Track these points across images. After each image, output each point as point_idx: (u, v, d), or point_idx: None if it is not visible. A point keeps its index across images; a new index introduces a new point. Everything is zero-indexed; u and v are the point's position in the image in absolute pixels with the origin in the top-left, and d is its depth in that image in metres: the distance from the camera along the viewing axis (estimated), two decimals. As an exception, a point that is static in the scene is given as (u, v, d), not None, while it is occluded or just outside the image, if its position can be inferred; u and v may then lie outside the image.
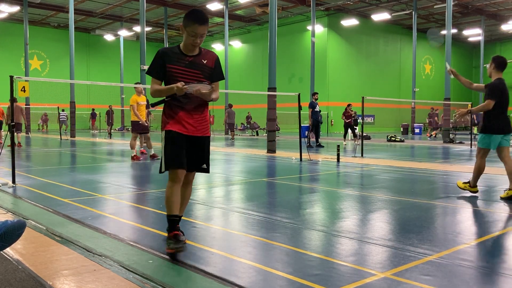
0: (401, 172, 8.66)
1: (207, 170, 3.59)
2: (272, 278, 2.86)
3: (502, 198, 5.77)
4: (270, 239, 3.80)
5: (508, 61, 6.26)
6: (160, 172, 3.44)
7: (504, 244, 3.69)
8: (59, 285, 2.74)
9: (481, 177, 8.07)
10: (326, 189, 6.76)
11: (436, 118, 27.43)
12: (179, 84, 3.23)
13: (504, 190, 5.90)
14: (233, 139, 22.28)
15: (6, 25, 37.59)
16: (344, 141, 19.71)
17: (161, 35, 43.04)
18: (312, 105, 16.37)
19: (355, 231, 4.10)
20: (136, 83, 11.17)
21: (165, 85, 3.44)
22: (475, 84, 6.35)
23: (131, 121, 11.04)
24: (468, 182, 6.06)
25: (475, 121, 25.60)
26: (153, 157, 11.06)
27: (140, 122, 10.80)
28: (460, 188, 6.15)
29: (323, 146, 16.47)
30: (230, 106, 22.96)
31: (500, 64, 5.88)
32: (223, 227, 4.24)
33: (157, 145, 17.66)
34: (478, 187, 6.08)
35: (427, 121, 29.37)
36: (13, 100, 6.87)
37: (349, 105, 18.96)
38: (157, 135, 28.05)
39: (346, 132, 19.95)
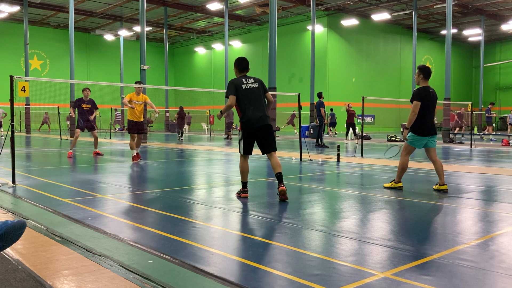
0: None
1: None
2: (272, 278, 2.86)
3: (385, 187, 6.57)
4: (270, 239, 3.80)
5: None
6: None
7: (504, 244, 3.69)
8: (59, 285, 2.74)
9: (481, 177, 8.09)
10: (326, 189, 6.75)
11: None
12: None
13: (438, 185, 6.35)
14: (180, 138, 22.74)
15: (6, 25, 37.58)
16: (346, 140, 20.79)
17: (161, 35, 43.04)
18: (324, 105, 16.17)
19: (355, 231, 4.10)
20: (136, 82, 11.00)
21: None
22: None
23: (127, 120, 10.87)
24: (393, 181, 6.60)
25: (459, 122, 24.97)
26: (136, 158, 10.55)
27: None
28: (386, 187, 6.60)
29: (327, 147, 16.24)
30: (181, 108, 23.68)
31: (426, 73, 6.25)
32: (223, 227, 4.24)
33: (156, 145, 17.64)
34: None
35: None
36: (12, 100, 6.87)
37: (349, 104, 20.05)
38: (157, 135, 27.99)
39: (348, 131, 21.00)
